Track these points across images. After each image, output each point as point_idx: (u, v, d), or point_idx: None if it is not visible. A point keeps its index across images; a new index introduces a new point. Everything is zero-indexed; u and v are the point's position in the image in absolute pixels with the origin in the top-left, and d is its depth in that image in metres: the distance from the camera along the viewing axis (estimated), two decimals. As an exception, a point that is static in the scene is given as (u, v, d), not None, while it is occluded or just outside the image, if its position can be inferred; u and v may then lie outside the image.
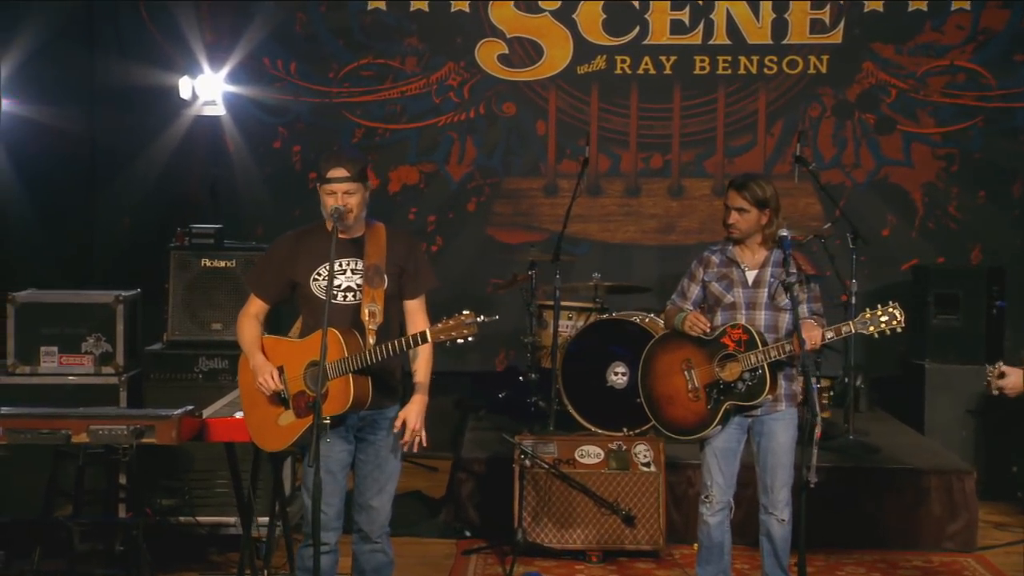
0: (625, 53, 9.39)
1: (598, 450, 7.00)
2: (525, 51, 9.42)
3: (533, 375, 8.13)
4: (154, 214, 8.98)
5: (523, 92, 9.43)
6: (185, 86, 8.68)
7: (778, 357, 5.46)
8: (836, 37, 9.37)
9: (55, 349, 6.82)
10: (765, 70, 9.40)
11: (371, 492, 5.19)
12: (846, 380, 7.92)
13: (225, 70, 8.99)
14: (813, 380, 5.30)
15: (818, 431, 5.14)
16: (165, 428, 5.29)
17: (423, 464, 8.61)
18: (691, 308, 5.76)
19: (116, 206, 9.21)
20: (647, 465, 6.96)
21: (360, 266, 5.11)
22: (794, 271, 5.40)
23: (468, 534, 7.23)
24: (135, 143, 9.06)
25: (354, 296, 5.09)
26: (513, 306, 8.58)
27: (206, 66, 8.87)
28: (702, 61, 9.39)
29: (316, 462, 4.78)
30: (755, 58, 9.39)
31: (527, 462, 6.91)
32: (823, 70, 9.38)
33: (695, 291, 5.79)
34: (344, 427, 5.13)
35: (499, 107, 9.43)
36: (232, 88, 9.04)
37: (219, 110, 8.90)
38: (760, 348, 5.47)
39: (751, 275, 5.65)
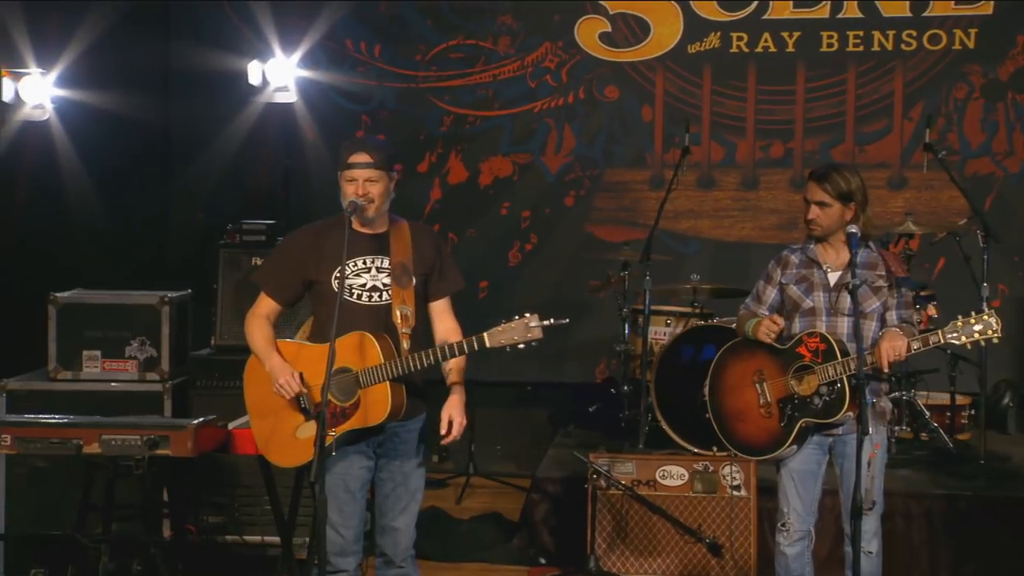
0: (742, 29, 9.21)
1: (682, 471, 6.86)
2: (630, 29, 9.32)
3: (626, 387, 8.02)
4: (226, 208, 9.12)
5: (627, 74, 9.33)
6: (254, 71, 8.80)
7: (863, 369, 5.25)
8: (986, 8, 9.03)
9: (98, 353, 6.98)
10: (903, 46, 9.12)
11: (394, 512, 5.17)
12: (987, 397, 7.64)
13: (298, 54, 9.08)
14: (887, 392, 5.11)
15: (870, 452, 4.94)
16: (180, 439, 5.36)
17: (510, 483, 8.57)
18: (766, 313, 5.60)
19: (190, 200, 9.39)
20: (737, 488, 6.79)
21: (386, 264, 5.09)
22: (864, 273, 5.23)
23: (542, 561, 7.18)
24: (207, 133, 9.23)
25: (380, 297, 5.07)
26: (613, 310, 8.48)
27: (277, 50, 8.97)
28: (830, 37, 9.16)
29: (321, 479, 4.76)
30: (891, 33, 9.12)
31: (602, 483, 6.81)
32: (970, 45, 9.05)
33: (771, 295, 5.63)
34: (365, 442, 5.10)
35: (601, 91, 9.34)
36: (306, 73, 9.13)
37: (291, 96, 8.99)
38: (840, 359, 5.28)
39: (833, 277, 5.47)
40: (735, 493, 6.79)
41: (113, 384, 6.93)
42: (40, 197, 8.95)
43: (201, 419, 5.52)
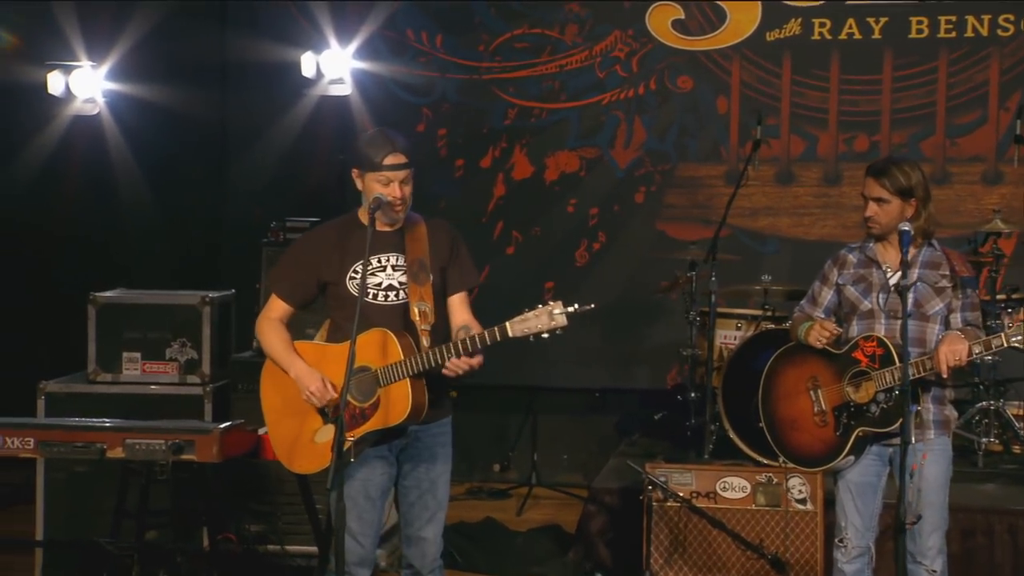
0: (824, 15, 9.11)
1: (744, 483, 6.81)
2: (705, 16, 9.26)
3: (692, 394, 7.98)
4: (282, 204, 9.21)
5: (702, 64, 9.27)
6: (308, 63, 8.88)
7: (919, 375, 5.19)
8: (1090, -10, 8.86)
9: (138, 355, 7.11)
10: (999, 31, 8.97)
11: (421, 522, 5.20)
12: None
13: (354, 45, 9.15)
14: (951, 400, 5.03)
15: (913, 463, 4.86)
16: (205, 444, 5.44)
17: (575, 495, 8.58)
18: (821, 315, 5.56)
19: (245, 196, 9.50)
20: (802, 502, 6.73)
21: (401, 262, 5.13)
22: (926, 273, 5.15)
23: (599, 575, 7.16)
24: (263, 127, 9.34)
25: (397, 296, 5.11)
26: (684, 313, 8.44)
27: (333, 41, 9.05)
28: (919, 23, 9.03)
29: (340, 485, 4.79)
30: (986, 18, 8.97)
31: (659, 494, 6.78)
32: (1073, 29, 8.89)
33: (827, 296, 5.59)
34: (387, 446, 5.14)
35: (673, 81, 9.30)
36: (361, 64, 9.19)
37: (346, 89, 9.07)
38: (898, 364, 5.21)
39: (894, 277, 5.39)
40: (800, 507, 6.73)
41: (152, 387, 7.04)
42: (91, 193, 9.18)
43: (228, 423, 5.58)
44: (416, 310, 5.07)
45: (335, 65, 9.03)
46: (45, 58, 8.68)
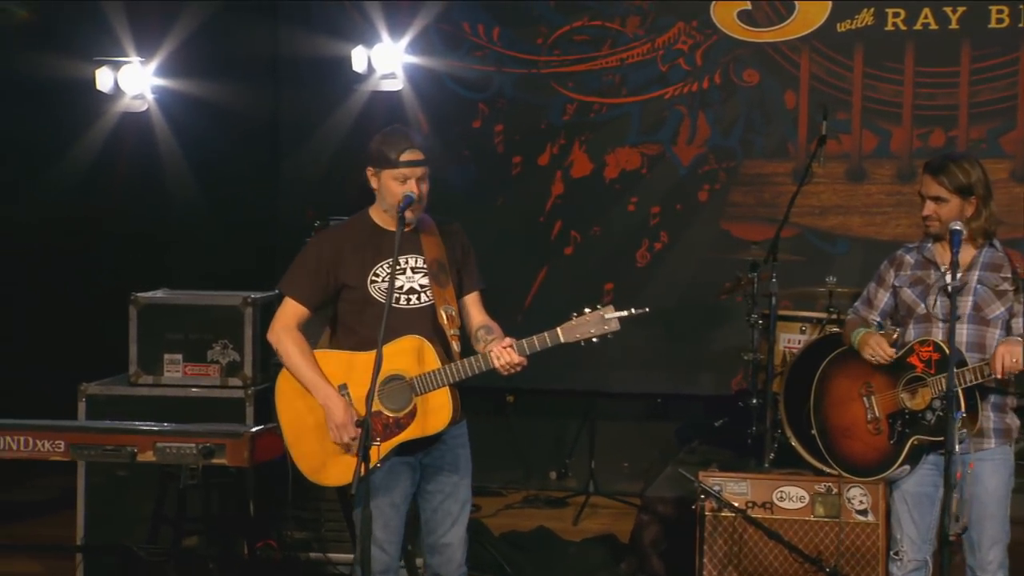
0: (898, 5, 9.04)
1: (802, 492, 6.77)
2: (772, 6, 9.22)
3: (754, 400, 7.93)
4: (335, 203, 9.29)
5: (769, 56, 9.23)
6: (359, 57, 8.94)
7: (976, 381, 5.14)
8: None
9: (179, 357, 7.19)
10: (1087, 20, 8.86)
11: (444, 527, 5.24)
12: None
13: (406, 39, 9.19)
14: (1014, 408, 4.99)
15: (959, 471, 4.80)
16: (236, 448, 5.52)
17: (635, 504, 8.56)
18: (877, 319, 5.54)
19: (298, 194, 9.58)
20: (863, 513, 6.68)
21: (421, 263, 5.17)
22: (987, 275, 5.12)
23: (651, 587, 7.18)
24: (315, 123, 9.42)
25: (418, 298, 5.15)
26: (750, 316, 8.41)
27: (384, 34, 9.10)
28: (999, 12, 8.94)
29: (367, 494, 4.82)
30: (1073, 5, 8.86)
31: (713, 504, 6.76)
32: None
33: (884, 298, 5.56)
34: (413, 453, 5.19)
35: (739, 75, 9.26)
36: (414, 59, 9.24)
37: (398, 84, 9.11)
38: (955, 370, 5.15)
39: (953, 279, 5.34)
40: (861, 518, 6.68)
41: (194, 389, 7.12)
42: (139, 191, 9.30)
43: (260, 427, 5.64)
44: (444, 314, 5.11)
45: (387, 60, 9.08)
46: (94, 54, 8.79)
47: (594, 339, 5.03)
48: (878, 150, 9.16)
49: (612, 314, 5.00)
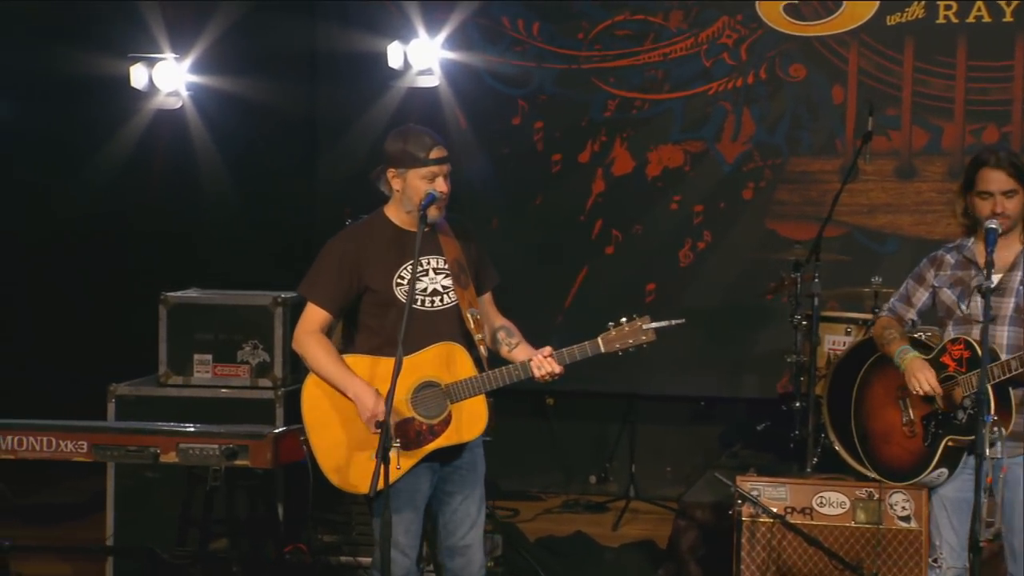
0: (951, -4, 9.00)
1: (842, 498, 6.76)
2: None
3: (797, 403, 7.92)
4: (372, 201, 9.35)
5: (816, 50, 9.19)
6: (395, 53, 8.99)
7: (1005, 376, 5.12)
8: None
9: (209, 357, 7.26)
10: None
11: (464, 529, 5.29)
12: None
13: (443, 34, 9.23)
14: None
15: (988, 476, 4.79)
16: (259, 449, 5.57)
17: (674, 509, 8.55)
18: (914, 317, 5.52)
19: (335, 192, 9.63)
20: (906, 519, 6.66)
21: (442, 264, 5.21)
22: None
23: (689, 593, 7.19)
24: (352, 120, 9.46)
25: (442, 300, 5.19)
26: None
27: (421, 30, 9.14)
28: (1056, 4, 8.87)
29: (386, 498, 4.85)
30: None
31: (750, 509, 6.76)
32: None
33: (922, 298, 5.56)
34: (438, 459, 5.21)
35: (785, 70, 9.23)
36: (451, 55, 9.28)
37: (434, 80, 9.15)
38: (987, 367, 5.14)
39: (994, 279, 5.33)
40: (903, 524, 6.66)
41: (223, 390, 7.18)
42: (174, 189, 9.41)
43: (283, 428, 5.69)
44: (470, 317, 5.16)
45: (423, 56, 9.12)
46: (128, 51, 8.89)
47: (631, 349, 5.16)
48: (929, 147, 9.10)
49: (649, 324, 5.15)
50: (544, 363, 5.10)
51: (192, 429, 5.92)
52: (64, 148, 9.15)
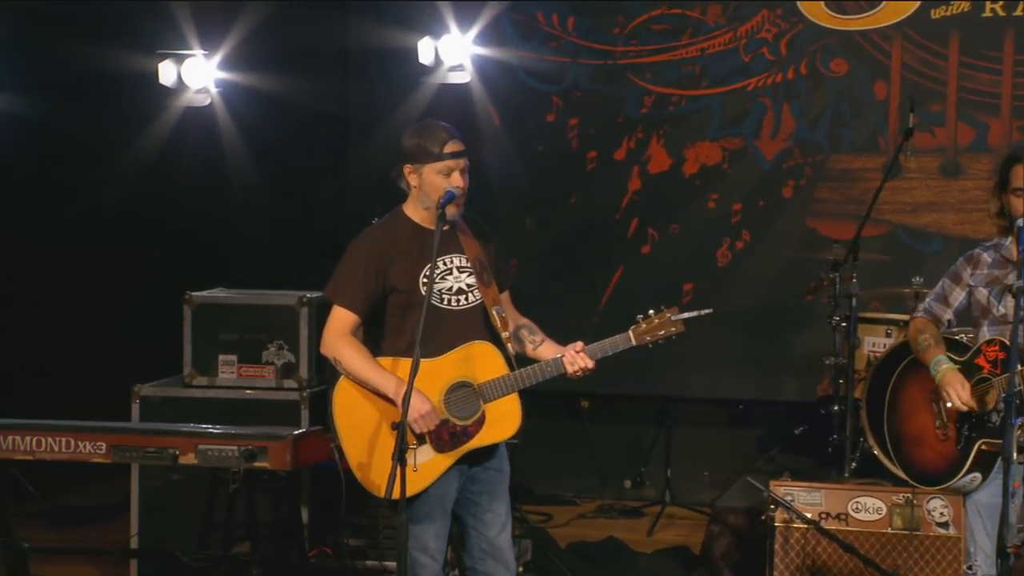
0: (997, -12, 8.96)
1: (879, 504, 6.72)
2: (862, -8, 9.17)
3: (836, 407, 7.89)
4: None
5: (858, 45, 9.15)
6: (426, 49, 9.02)
7: None
8: None
9: (234, 358, 7.30)
10: None
11: (495, 530, 5.30)
12: None
13: (475, 29, 9.24)
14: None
15: (1016, 481, 4.76)
16: (278, 451, 5.59)
17: (707, 513, 8.55)
18: (950, 317, 5.50)
19: (366, 190, 9.65)
20: (944, 526, 6.61)
21: (464, 262, 5.22)
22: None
23: (721, 599, 7.19)
24: (383, 117, 9.49)
25: (466, 298, 5.19)
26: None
27: (452, 25, 9.16)
28: (1106, -4, 8.81)
29: (403, 499, 4.87)
30: None
31: (784, 515, 6.74)
32: None
33: (959, 297, 5.55)
34: (469, 461, 5.24)
35: (826, 65, 9.20)
36: (482, 50, 9.29)
37: (466, 76, 9.18)
38: (1021, 368, 5.11)
39: (1033, 280, 5.29)
40: (941, 531, 6.60)
41: (248, 392, 7.22)
42: (203, 187, 9.49)
43: (303, 429, 5.72)
44: (496, 315, 5.17)
45: (454, 51, 9.14)
46: (156, 47, 8.95)
47: (660, 340, 5.18)
48: (975, 144, 9.05)
49: (678, 315, 5.17)
50: (576, 359, 5.11)
51: (211, 430, 5.95)
52: (91, 145, 9.24)
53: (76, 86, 9.06)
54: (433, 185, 5.18)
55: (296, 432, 5.76)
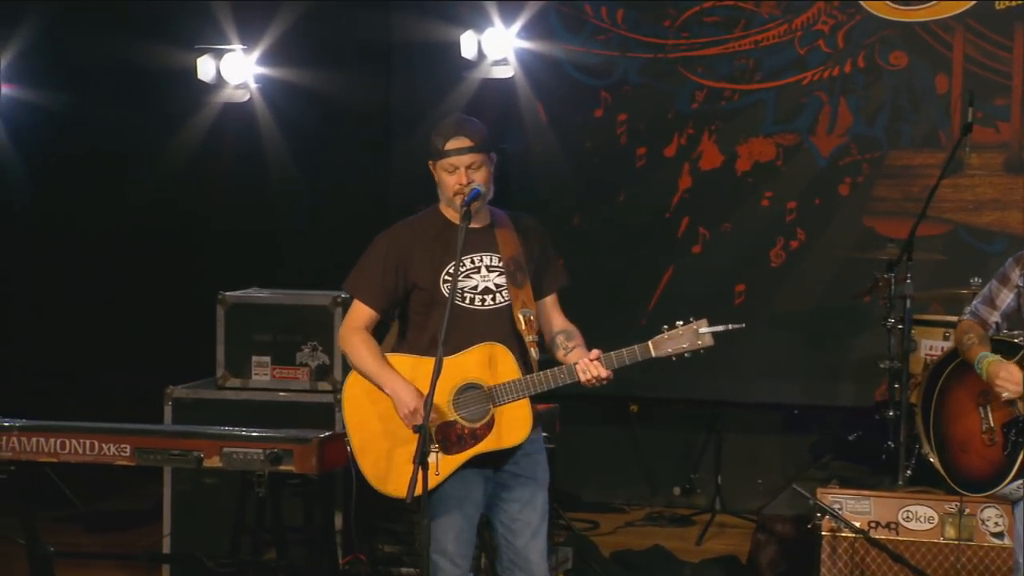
0: (1065, -23, 8.89)
1: (930, 512, 6.72)
2: (923, -17, 9.12)
3: (891, 412, 7.86)
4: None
5: (918, 36, 9.11)
6: (468, 43, 9.06)
7: None
8: None
9: (268, 359, 7.38)
10: None
11: (524, 538, 5.28)
12: None
13: (519, 23, 9.27)
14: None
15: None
16: (304, 454, 5.65)
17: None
18: (998, 319, 5.48)
19: (409, 188, 9.70)
20: (999, 536, 6.62)
21: (496, 262, 5.22)
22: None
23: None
24: (426, 113, 9.50)
25: (494, 299, 5.21)
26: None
27: (496, 18, 9.19)
28: None
29: (424, 504, 4.90)
30: None
31: (831, 523, 6.74)
32: None
33: (1006, 299, 5.52)
34: (487, 463, 5.25)
35: (885, 58, 9.16)
36: (527, 44, 9.32)
37: (509, 71, 9.21)
38: (1072, 374, 5.10)
39: (1081, 281, 5.28)
40: (996, 541, 6.62)
41: (281, 394, 7.30)
42: (242, 185, 9.57)
43: (328, 432, 5.77)
44: (522, 318, 5.17)
45: (498, 45, 9.17)
46: (194, 42, 9.03)
47: (686, 354, 5.09)
48: (1041, 139, 9.00)
49: (706, 328, 5.06)
50: (590, 367, 5.08)
51: (236, 432, 6.02)
52: (128, 142, 9.37)
53: (114, 82, 9.18)
54: (443, 183, 5.23)
55: (322, 435, 5.80)
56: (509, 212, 5.38)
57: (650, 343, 5.10)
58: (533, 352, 5.20)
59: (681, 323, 5.11)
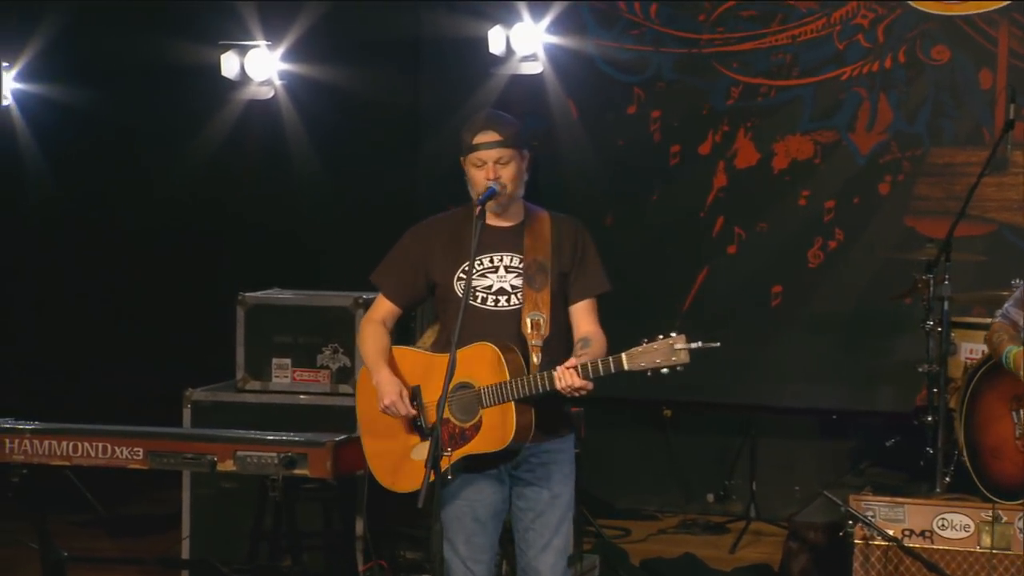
0: (1115, -31, 8.83)
1: (966, 520, 6.67)
2: (966, -25, 9.07)
3: (929, 417, 7.81)
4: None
5: (961, 30, 9.07)
6: (497, 38, 9.06)
7: None
8: None
9: (288, 361, 7.40)
10: None
11: (535, 550, 5.26)
12: None
13: (548, 18, 9.27)
14: None
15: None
16: (318, 458, 5.66)
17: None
18: (1030, 325, 5.44)
19: (437, 186, 9.72)
20: (1037, 545, 6.54)
21: (517, 263, 5.21)
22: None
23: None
24: (454, 110, 9.52)
25: (508, 301, 5.20)
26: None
27: (525, 13, 9.19)
28: None
29: (437, 507, 4.91)
30: None
31: (864, 531, 6.71)
32: None
33: (1039, 300, 5.45)
34: (496, 465, 5.24)
35: (926, 52, 9.12)
36: (556, 39, 9.32)
37: (538, 67, 9.21)
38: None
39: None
40: (1034, 551, 6.55)
41: (302, 397, 7.31)
42: (267, 183, 9.61)
43: (344, 436, 5.78)
44: (528, 321, 5.15)
45: (527, 40, 9.18)
46: (218, 38, 9.05)
47: (663, 370, 4.95)
48: (1089, 137, 8.92)
49: (682, 345, 4.92)
50: (565, 375, 4.99)
51: (250, 436, 6.04)
52: (151, 139, 9.42)
53: (137, 79, 9.22)
54: (472, 179, 5.24)
55: (337, 438, 5.81)
56: (553, 212, 5.34)
57: (623, 355, 4.98)
58: (535, 357, 5.15)
59: (661, 337, 4.97)
